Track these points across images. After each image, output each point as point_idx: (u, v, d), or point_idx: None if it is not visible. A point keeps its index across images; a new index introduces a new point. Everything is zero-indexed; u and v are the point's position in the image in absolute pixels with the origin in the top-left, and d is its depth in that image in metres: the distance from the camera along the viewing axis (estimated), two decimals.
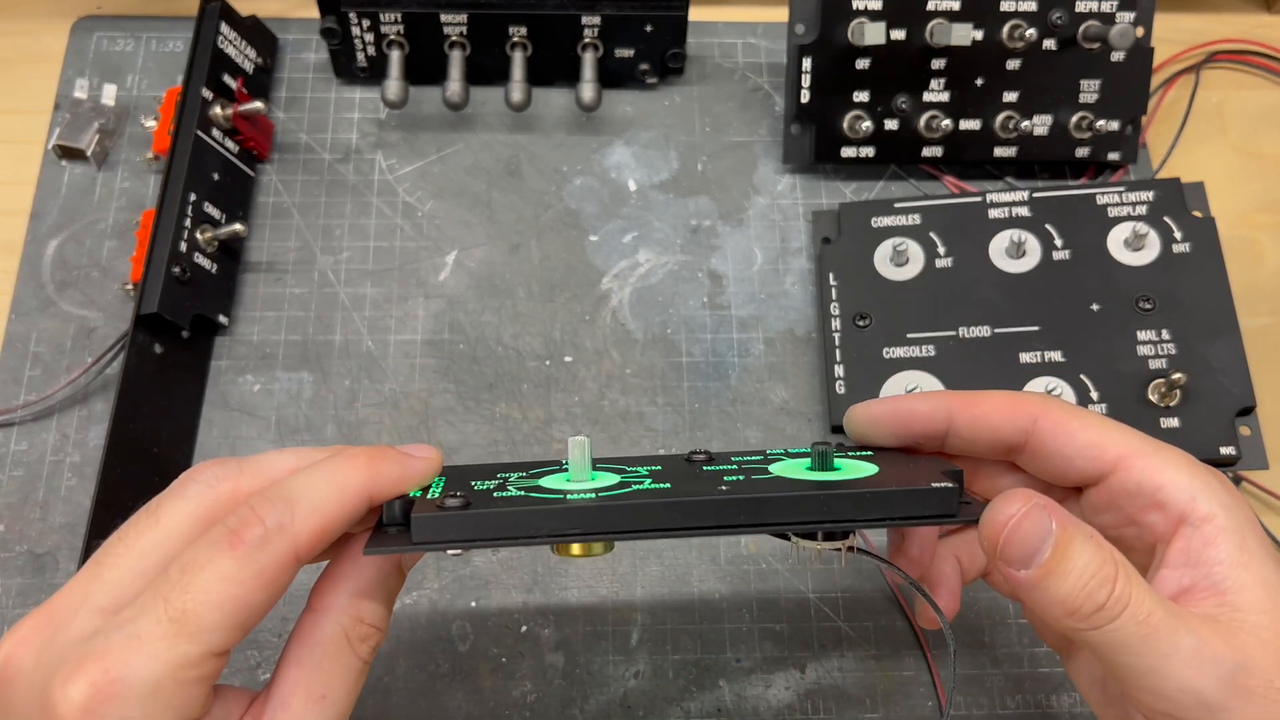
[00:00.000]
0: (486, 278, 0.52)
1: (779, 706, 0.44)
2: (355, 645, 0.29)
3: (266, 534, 0.27)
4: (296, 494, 0.28)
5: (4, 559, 0.45)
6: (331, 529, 0.28)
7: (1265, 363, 0.50)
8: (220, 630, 0.26)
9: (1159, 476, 0.30)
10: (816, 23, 0.51)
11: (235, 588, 0.27)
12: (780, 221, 0.54)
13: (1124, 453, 0.31)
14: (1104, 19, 0.52)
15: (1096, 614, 0.28)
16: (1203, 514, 0.30)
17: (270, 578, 0.27)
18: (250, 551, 0.27)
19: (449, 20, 0.53)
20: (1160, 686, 0.28)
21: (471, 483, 0.31)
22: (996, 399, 0.33)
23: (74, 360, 0.49)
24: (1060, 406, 0.32)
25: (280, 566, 0.27)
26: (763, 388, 0.50)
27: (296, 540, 0.28)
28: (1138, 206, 0.50)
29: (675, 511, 0.28)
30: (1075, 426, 0.32)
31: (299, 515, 0.28)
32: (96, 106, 0.54)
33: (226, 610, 0.26)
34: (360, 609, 0.30)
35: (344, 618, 0.29)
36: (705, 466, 0.33)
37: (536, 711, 0.43)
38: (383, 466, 0.30)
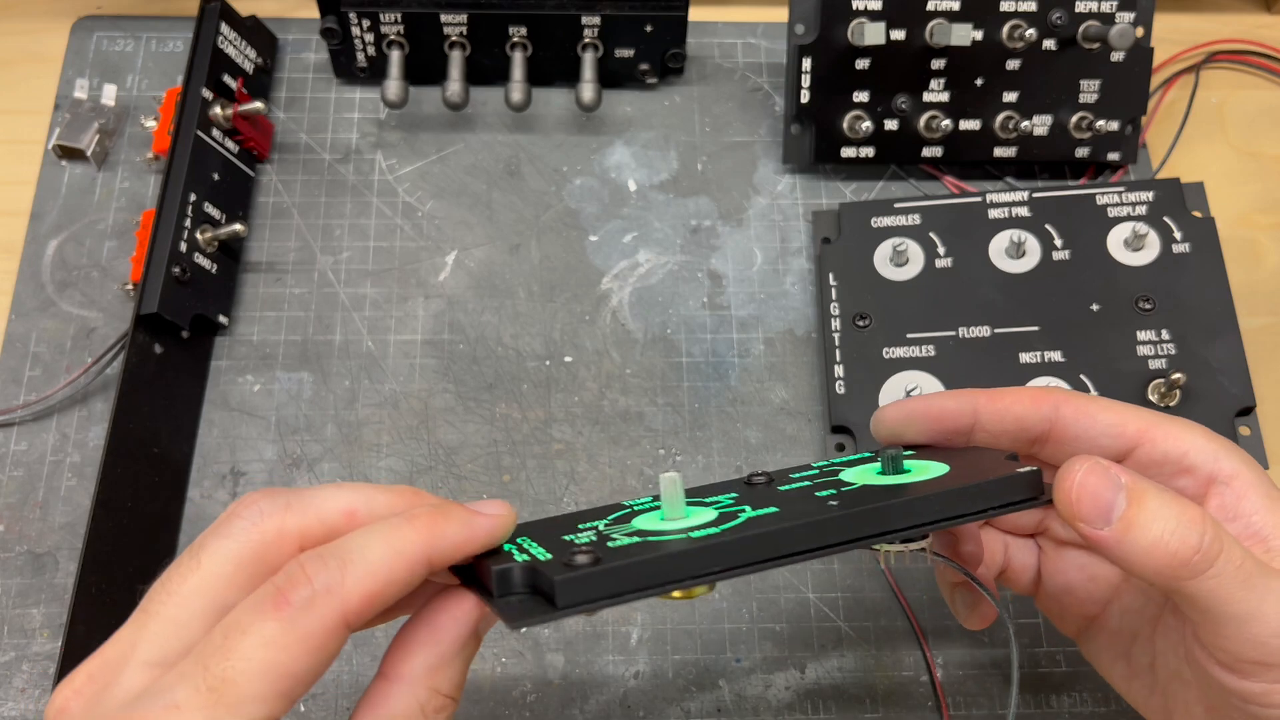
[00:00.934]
0: (486, 278, 0.52)
1: (779, 706, 0.44)
2: (430, 717, 0.28)
3: (314, 595, 0.25)
4: (350, 554, 0.26)
5: (4, 559, 0.45)
6: (386, 594, 0.26)
7: (1265, 363, 0.50)
8: (262, 700, 0.25)
9: (1182, 444, 0.32)
10: (816, 23, 0.51)
11: (279, 654, 0.25)
12: (780, 221, 0.54)
13: (1143, 427, 0.32)
14: (1104, 19, 0.52)
15: (1196, 557, 0.28)
16: (1229, 472, 0.31)
17: (317, 644, 0.25)
18: (296, 614, 0.25)
19: (449, 20, 0.53)
20: (1258, 632, 0.28)
21: (563, 537, 0.29)
22: (1019, 392, 0.34)
23: (74, 360, 0.49)
24: (1078, 394, 0.34)
25: (328, 632, 0.25)
26: (763, 388, 0.50)
27: (346, 604, 0.26)
28: (1138, 207, 0.50)
29: (815, 532, 0.28)
30: (1095, 409, 0.33)
31: (350, 577, 0.26)
32: (96, 106, 0.54)
33: (269, 679, 0.25)
34: (437, 679, 0.28)
35: (420, 690, 0.27)
36: (780, 487, 0.33)
37: (536, 711, 0.43)
38: (446, 528, 0.28)
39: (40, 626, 0.44)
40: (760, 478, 0.34)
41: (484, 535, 0.28)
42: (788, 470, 0.35)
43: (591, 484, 0.48)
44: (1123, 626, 0.35)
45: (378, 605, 0.26)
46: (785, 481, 0.34)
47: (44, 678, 0.43)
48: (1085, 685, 0.44)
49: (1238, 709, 0.30)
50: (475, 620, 0.28)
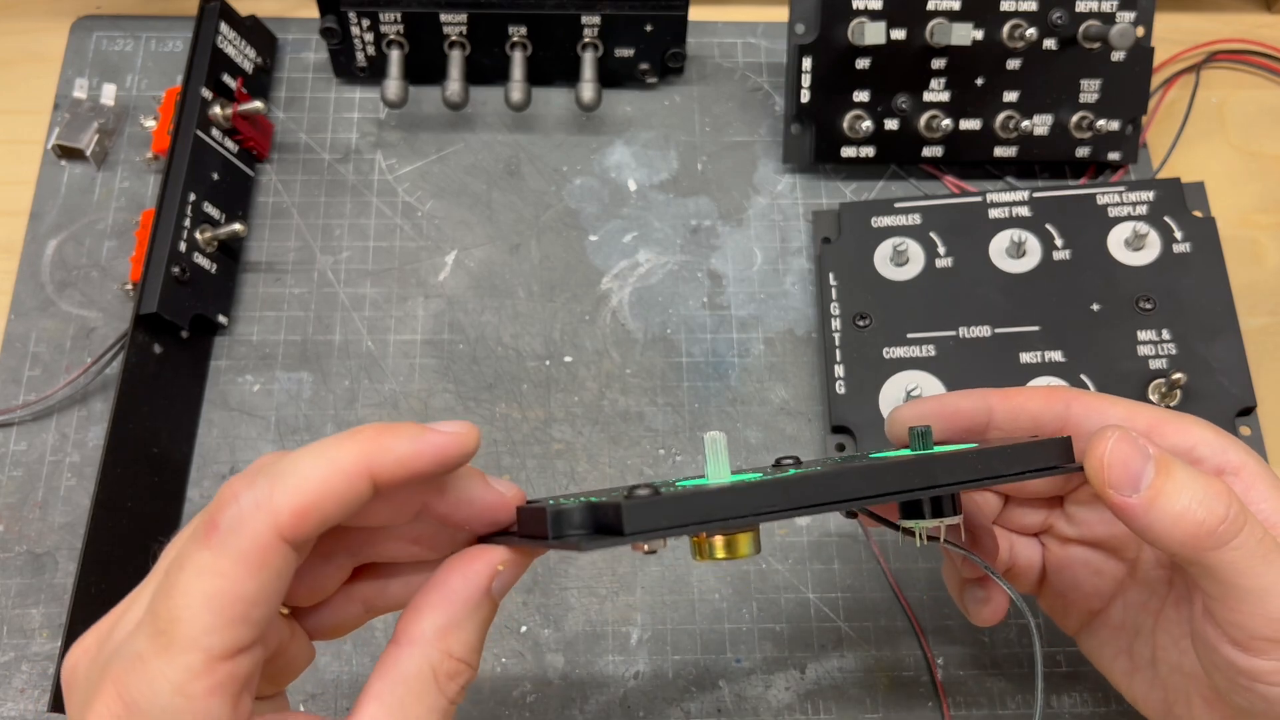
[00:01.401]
0: (486, 278, 0.52)
1: (779, 707, 0.44)
2: (442, 683, 0.27)
3: (241, 514, 0.25)
4: (281, 470, 0.25)
5: (4, 559, 0.45)
6: (322, 508, 0.25)
7: (1265, 363, 0.50)
8: (212, 631, 0.24)
9: (1190, 437, 0.32)
10: (816, 22, 0.51)
11: (217, 580, 0.24)
12: (780, 221, 0.54)
13: (1152, 421, 0.33)
14: (1104, 19, 0.52)
15: (1221, 528, 0.29)
16: (1236, 463, 0.32)
17: (255, 563, 0.24)
18: (226, 537, 0.24)
19: (449, 20, 0.53)
20: (1274, 608, 0.29)
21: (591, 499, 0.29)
22: (1032, 391, 0.35)
23: (73, 360, 0.49)
24: (1088, 392, 0.35)
25: (263, 549, 0.24)
26: (763, 388, 0.50)
27: (277, 518, 0.25)
28: (1138, 206, 0.50)
29: (864, 479, 0.28)
30: (1105, 406, 0.33)
31: (279, 491, 0.25)
32: (96, 106, 0.54)
33: (214, 609, 0.24)
34: (449, 642, 0.27)
35: (432, 652, 0.27)
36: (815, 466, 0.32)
37: (536, 712, 0.43)
38: (390, 441, 0.26)
39: (40, 626, 0.44)
40: (789, 459, 0.34)
41: (433, 450, 0.27)
42: (814, 461, 0.35)
43: (591, 484, 0.48)
44: (1125, 621, 0.36)
45: (313, 519, 0.25)
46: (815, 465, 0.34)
47: (44, 678, 0.43)
48: (1085, 685, 0.44)
49: (1244, 689, 0.30)
50: (487, 578, 0.28)
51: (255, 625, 0.25)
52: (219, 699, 0.24)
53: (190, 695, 0.24)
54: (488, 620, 0.28)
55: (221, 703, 0.24)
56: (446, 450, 0.27)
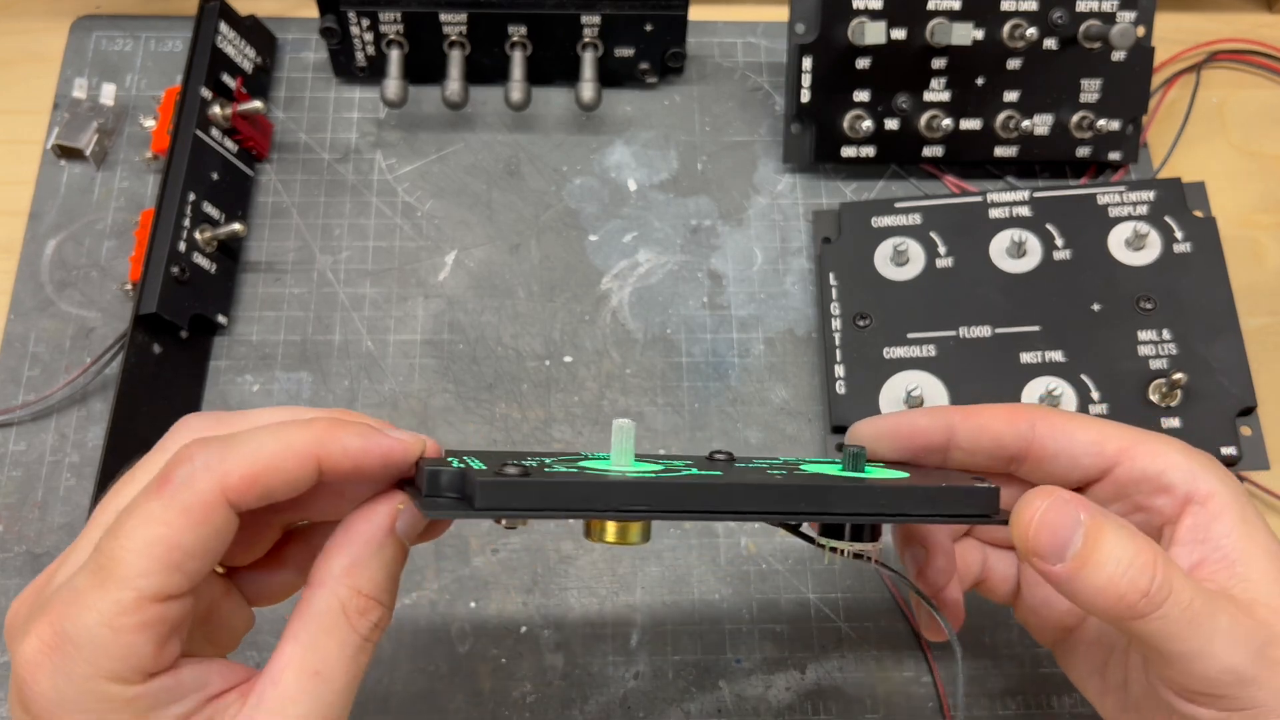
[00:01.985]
0: (486, 278, 0.52)
1: (779, 707, 0.44)
2: (353, 619, 0.28)
3: (193, 472, 0.26)
4: (237, 440, 0.27)
5: (3, 559, 0.45)
6: (268, 480, 0.27)
7: (1266, 363, 0.50)
8: (147, 573, 0.26)
9: (1161, 462, 0.32)
10: (817, 22, 0.51)
11: (160, 528, 0.26)
12: (780, 221, 0.54)
13: (1124, 445, 0.32)
14: (1105, 18, 0.52)
15: (1142, 601, 0.28)
16: (1205, 492, 0.31)
17: (198, 517, 0.26)
18: (175, 490, 0.26)
19: (448, 20, 0.53)
20: (1204, 669, 0.28)
21: (506, 461, 0.29)
22: (995, 409, 0.34)
23: (73, 360, 0.49)
24: (1056, 411, 0.34)
25: (207, 505, 0.26)
26: (763, 388, 0.50)
27: (225, 480, 0.27)
28: (1138, 206, 0.50)
29: (743, 494, 0.28)
30: (1074, 427, 0.33)
31: (231, 457, 0.27)
32: (95, 106, 0.54)
33: (153, 553, 0.26)
34: (357, 579, 0.28)
35: (340, 589, 0.28)
36: (737, 464, 0.33)
37: (536, 712, 0.43)
38: (342, 434, 0.28)
39: None
40: (722, 455, 0.34)
41: (379, 451, 0.29)
42: (752, 457, 0.35)
43: None
44: (1099, 641, 0.35)
45: (260, 488, 0.27)
46: (745, 462, 0.34)
47: None
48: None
49: None
50: (389, 518, 0.29)
51: (189, 576, 0.26)
52: (144, 637, 0.26)
53: (117, 629, 0.25)
54: (395, 560, 0.29)
55: (146, 640, 0.26)
56: (392, 454, 0.29)
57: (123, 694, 0.26)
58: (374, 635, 0.29)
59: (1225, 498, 0.31)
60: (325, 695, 0.27)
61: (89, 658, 0.25)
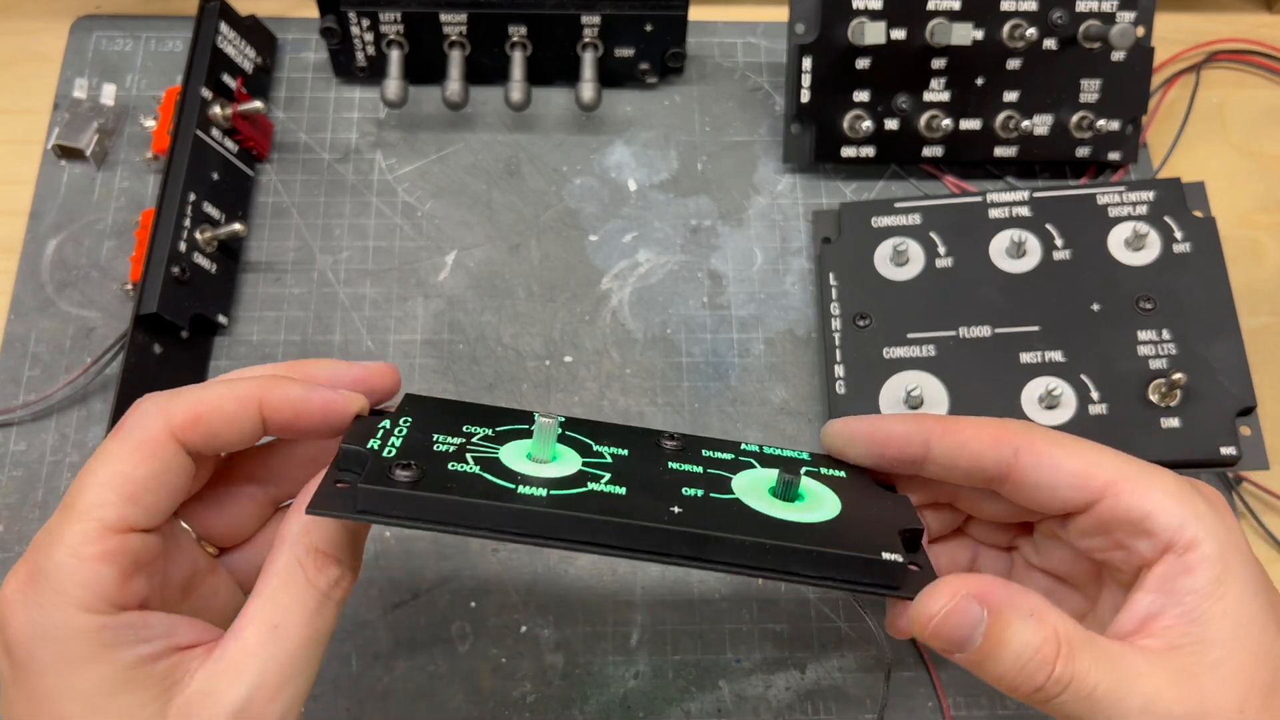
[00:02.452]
0: (486, 278, 0.52)
1: (779, 707, 0.44)
2: (311, 575, 0.29)
3: (143, 414, 0.30)
4: (186, 390, 0.30)
5: (4, 559, 0.45)
6: (212, 421, 0.30)
7: (1265, 363, 0.50)
8: (108, 505, 0.28)
9: (1147, 503, 0.30)
10: (816, 22, 0.51)
11: (115, 464, 0.29)
12: (780, 221, 0.54)
13: (1112, 479, 0.31)
14: (1104, 18, 0.52)
15: (1035, 694, 0.28)
16: (1187, 541, 0.29)
17: (148, 451, 0.29)
18: (128, 431, 0.29)
19: (449, 20, 0.53)
20: None
21: (434, 437, 0.31)
22: (977, 427, 0.33)
23: (73, 360, 0.49)
24: (1043, 435, 0.32)
25: (156, 441, 0.29)
26: (763, 388, 0.50)
27: (170, 419, 0.29)
28: (1138, 206, 0.50)
29: (618, 532, 0.28)
30: (1060, 456, 0.31)
31: (177, 401, 0.30)
32: (96, 106, 0.54)
33: (109, 486, 0.28)
34: (313, 536, 0.30)
35: (297, 547, 0.30)
36: (671, 464, 0.33)
37: (536, 712, 0.43)
38: (285, 386, 0.31)
39: None
40: (672, 442, 0.33)
41: (318, 400, 0.31)
42: (714, 441, 0.34)
43: None
44: None
45: (204, 427, 0.30)
46: (691, 454, 0.33)
47: None
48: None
49: None
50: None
51: (146, 510, 0.29)
52: (106, 566, 0.28)
53: (81, 557, 0.27)
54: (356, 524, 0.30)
55: (109, 570, 0.28)
56: (332, 406, 0.31)
57: (89, 623, 0.27)
58: (334, 593, 0.30)
59: (1208, 550, 0.29)
60: (285, 647, 0.29)
61: (58, 586, 0.27)
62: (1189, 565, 0.29)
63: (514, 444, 0.32)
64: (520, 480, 0.29)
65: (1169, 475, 0.31)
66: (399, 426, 0.31)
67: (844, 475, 0.34)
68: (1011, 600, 0.29)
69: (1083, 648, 0.28)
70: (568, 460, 0.32)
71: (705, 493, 0.31)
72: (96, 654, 0.27)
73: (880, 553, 0.30)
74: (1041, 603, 0.29)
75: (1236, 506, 0.49)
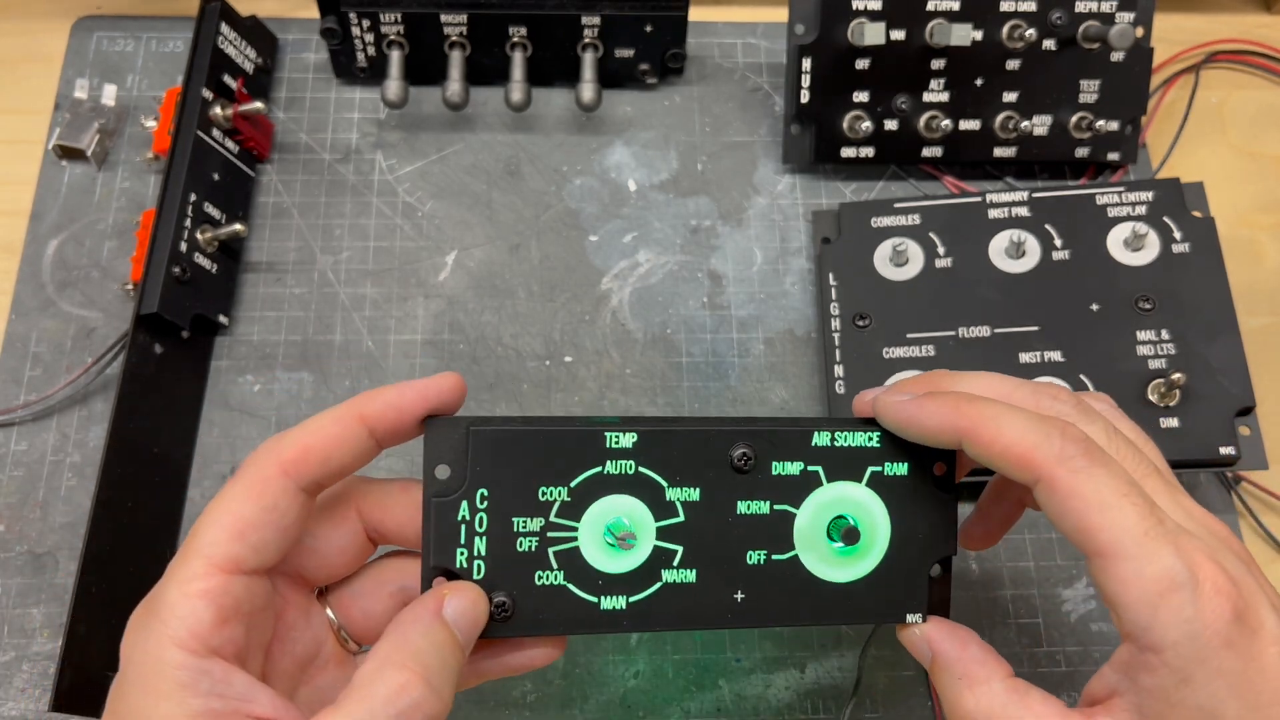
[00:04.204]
0: (486, 278, 0.52)
1: (779, 706, 0.44)
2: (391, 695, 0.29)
3: (255, 456, 0.30)
4: (291, 429, 0.31)
5: (4, 559, 0.45)
6: (322, 447, 0.30)
7: (1265, 363, 0.50)
8: (217, 544, 0.29)
9: (1125, 594, 0.28)
10: (816, 23, 0.51)
11: (229, 503, 0.30)
12: (780, 221, 0.54)
13: (1109, 547, 0.28)
14: (1104, 19, 0.52)
15: None
16: (1150, 643, 0.28)
17: (258, 490, 0.30)
18: (241, 474, 0.30)
19: (449, 20, 0.53)
20: None
21: (513, 523, 0.32)
22: (1010, 437, 0.30)
23: (74, 360, 0.49)
24: (1070, 470, 0.29)
25: (266, 479, 0.30)
26: (763, 388, 0.50)
27: (281, 456, 0.30)
28: (1137, 206, 0.50)
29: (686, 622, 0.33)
30: (1075, 505, 0.29)
31: (287, 438, 0.31)
32: (96, 106, 0.54)
33: (221, 525, 0.29)
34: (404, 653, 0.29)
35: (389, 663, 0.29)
36: (740, 504, 0.33)
37: (536, 711, 0.43)
38: (376, 393, 0.32)
39: (40, 626, 0.44)
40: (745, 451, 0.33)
41: (414, 392, 0.31)
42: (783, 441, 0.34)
43: None
44: None
45: (316, 457, 0.30)
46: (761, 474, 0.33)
47: (44, 678, 0.43)
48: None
49: None
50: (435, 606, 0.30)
51: (253, 548, 0.29)
52: (205, 603, 0.28)
53: (185, 593, 0.28)
54: (445, 640, 0.30)
55: (206, 608, 0.28)
56: (428, 390, 0.32)
57: (174, 658, 0.28)
58: (411, 715, 0.29)
59: (1169, 658, 0.27)
60: None
61: (162, 617, 0.28)
62: (1148, 664, 0.28)
63: (591, 515, 0.33)
64: (601, 590, 0.33)
65: (1170, 556, 0.28)
66: (478, 511, 0.32)
67: (905, 474, 0.34)
68: (947, 663, 0.32)
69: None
70: (643, 534, 0.33)
71: (768, 555, 0.33)
72: (171, 691, 0.28)
73: (905, 616, 0.34)
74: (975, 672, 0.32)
75: (1236, 506, 0.49)
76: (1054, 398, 0.32)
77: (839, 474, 0.34)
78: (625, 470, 0.32)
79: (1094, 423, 0.31)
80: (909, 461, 0.34)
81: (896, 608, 0.34)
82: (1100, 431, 0.31)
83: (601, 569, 0.33)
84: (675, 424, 0.33)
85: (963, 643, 0.33)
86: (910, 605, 0.34)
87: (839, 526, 0.34)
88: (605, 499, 0.33)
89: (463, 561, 0.32)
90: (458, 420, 0.32)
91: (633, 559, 0.33)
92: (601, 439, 0.33)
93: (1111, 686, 0.29)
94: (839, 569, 0.34)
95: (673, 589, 0.33)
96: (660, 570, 0.33)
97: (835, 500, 0.34)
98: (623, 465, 0.32)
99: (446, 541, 0.32)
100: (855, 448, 0.34)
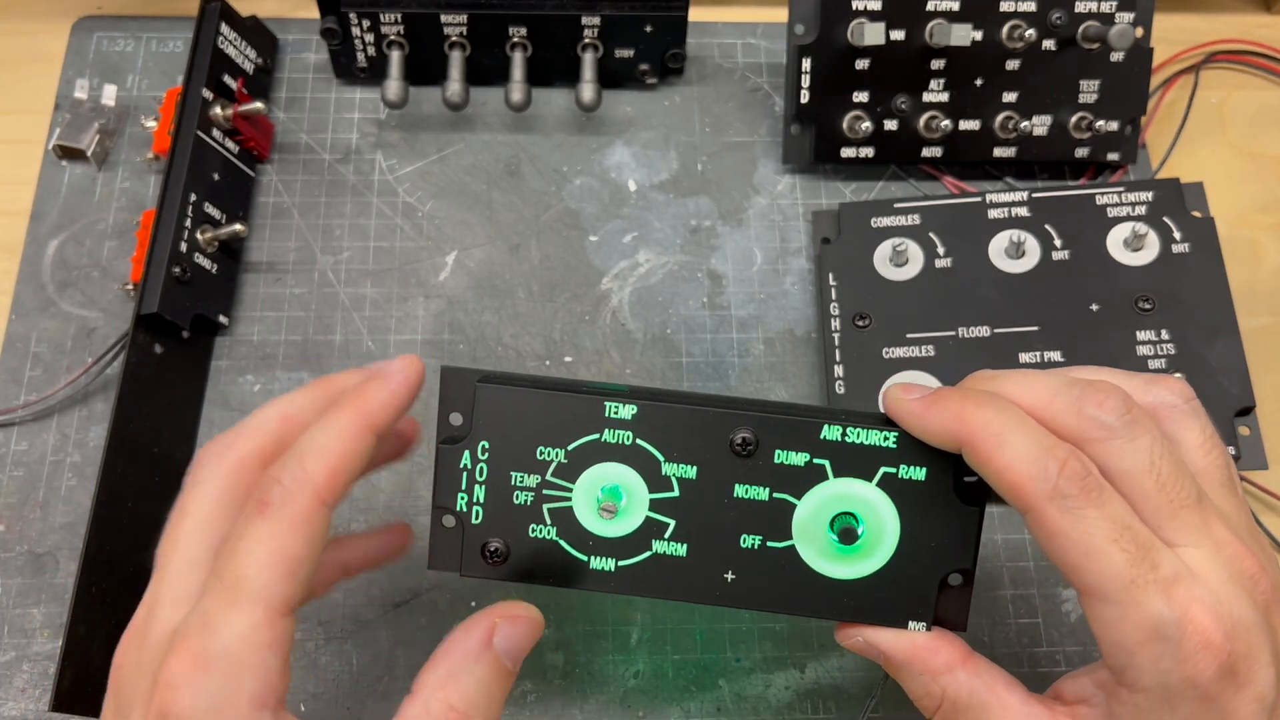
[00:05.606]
0: (486, 278, 0.52)
1: (779, 706, 0.44)
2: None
3: (286, 490, 0.29)
4: (304, 450, 0.30)
5: (4, 559, 0.45)
6: (347, 467, 0.30)
7: (1265, 363, 0.50)
8: (274, 587, 0.28)
9: (1106, 635, 0.28)
10: (816, 23, 0.51)
11: (274, 542, 0.28)
12: (780, 221, 0.54)
13: (1093, 590, 0.28)
14: (1103, 19, 0.52)
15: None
16: (1126, 683, 0.28)
17: (302, 524, 0.29)
18: (278, 509, 0.29)
19: (449, 20, 0.53)
20: None
21: (511, 477, 0.33)
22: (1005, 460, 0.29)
23: (74, 360, 0.49)
24: (1061, 509, 0.28)
25: (308, 512, 0.29)
26: (763, 388, 0.50)
27: (315, 486, 0.29)
28: (1137, 207, 0.50)
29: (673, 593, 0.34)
30: (1060, 544, 0.28)
31: (310, 465, 0.29)
32: (97, 107, 0.54)
33: (273, 565, 0.28)
34: (449, 691, 0.30)
35: (431, 700, 0.30)
36: (738, 486, 0.33)
37: (536, 711, 0.43)
38: (372, 398, 0.31)
39: (40, 626, 0.44)
40: (746, 436, 0.33)
41: (403, 389, 0.32)
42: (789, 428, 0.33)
43: None
44: None
45: (344, 478, 0.30)
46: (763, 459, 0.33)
47: (44, 678, 0.43)
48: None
49: None
50: (485, 630, 0.31)
51: (302, 584, 0.29)
52: (274, 653, 0.27)
53: (254, 645, 0.27)
54: (492, 677, 0.31)
55: (275, 656, 0.27)
56: (410, 384, 0.32)
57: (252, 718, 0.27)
58: None
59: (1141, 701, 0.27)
60: None
61: (231, 675, 0.27)
62: (1120, 697, 0.28)
63: (587, 478, 0.33)
64: (592, 550, 0.33)
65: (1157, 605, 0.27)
66: (479, 461, 0.33)
67: (923, 479, 0.33)
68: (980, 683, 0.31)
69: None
70: (635, 504, 0.33)
71: (763, 540, 0.33)
72: None
73: (907, 623, 0.33)
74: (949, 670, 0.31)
75: None
76: (1099, 405, 0.29)
77: (847, 470, 0.33)
78: (623, 440, 0.33)
79: (1138, 439, 0.28)
80: (928, 467, 0.33)
81: (899, 612, 0.33)
82: (1142, 450, 0.28)
83: (593, 530, 0.33)
84: (679, 399, 0.33)
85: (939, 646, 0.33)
86: (915, 612, 0.33)
87: (843, 523, 0.33)
88: (601, 465, 0.33)
89: (462, 505, 0.33)
90: (469, 372, 0.33)
91: (624, 525, 0.33)
92: (600, 408, 0.33)
93: (1083, 696, 0.30)
94: (839, 565, 0.33)
95: (662, 560, 0.33)
96: (651, 540, 0.33)
97: (841, 496, 0.33)
98: (620, 435, 0.33)
99: (449, 485, 0.33)
100: (868, 446, 0.33)
